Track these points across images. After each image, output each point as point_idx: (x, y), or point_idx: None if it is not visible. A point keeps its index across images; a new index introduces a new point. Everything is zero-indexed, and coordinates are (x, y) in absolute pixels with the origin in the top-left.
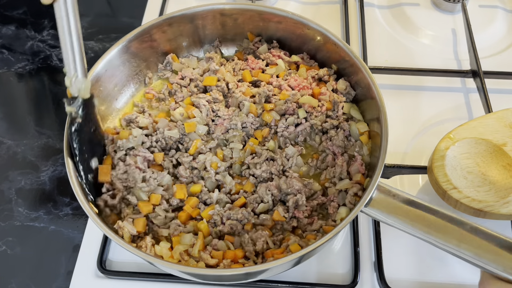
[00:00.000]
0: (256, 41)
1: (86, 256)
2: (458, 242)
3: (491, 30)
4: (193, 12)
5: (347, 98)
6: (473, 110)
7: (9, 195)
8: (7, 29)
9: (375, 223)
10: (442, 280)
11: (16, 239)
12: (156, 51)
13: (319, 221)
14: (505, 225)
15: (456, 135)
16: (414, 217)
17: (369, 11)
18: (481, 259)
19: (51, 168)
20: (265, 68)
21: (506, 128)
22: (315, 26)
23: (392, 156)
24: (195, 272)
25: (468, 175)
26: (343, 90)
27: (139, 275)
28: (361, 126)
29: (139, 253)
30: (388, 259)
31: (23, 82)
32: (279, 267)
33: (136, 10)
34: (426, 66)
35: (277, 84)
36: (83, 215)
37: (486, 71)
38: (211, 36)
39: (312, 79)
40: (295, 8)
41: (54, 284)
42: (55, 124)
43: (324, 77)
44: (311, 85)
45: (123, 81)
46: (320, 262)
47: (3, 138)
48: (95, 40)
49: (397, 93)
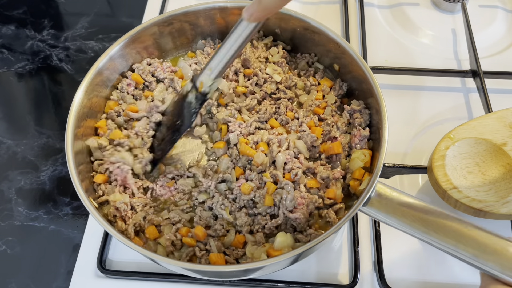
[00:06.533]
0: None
1: (86, 255)
2: (456, 243)
3: (491, 30)
4: (195, 10)
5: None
6: (473, 110)
7: (9, 195)
8: (7, 29)
9: (375, 223)
10: (442, 280)
11: (16, 239)
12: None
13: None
14: (505, 225)
15: (456, 135)
16: (413, 217)
17: (369, 11)
18: (479, 260)
19: (51, 168)
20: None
21: (506, 128)
22: (316, 24)
23: (392, 156)
24: (194, 268)
25: (468, 175)
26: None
27: (139, 275)
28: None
29: (139, 250)
30: (388, 259)
31: (23, 82)
32: (277, 264)
33: (136, 9)
34: (426, 66)
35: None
36: (83, 215)
37: (486, 71)
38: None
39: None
40: (295, 8)
41: (54, 283)
42: (55, 124)
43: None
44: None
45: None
46: (320, 262)
47: (3, 138)
48: (95, 40)
49: (397, 93)
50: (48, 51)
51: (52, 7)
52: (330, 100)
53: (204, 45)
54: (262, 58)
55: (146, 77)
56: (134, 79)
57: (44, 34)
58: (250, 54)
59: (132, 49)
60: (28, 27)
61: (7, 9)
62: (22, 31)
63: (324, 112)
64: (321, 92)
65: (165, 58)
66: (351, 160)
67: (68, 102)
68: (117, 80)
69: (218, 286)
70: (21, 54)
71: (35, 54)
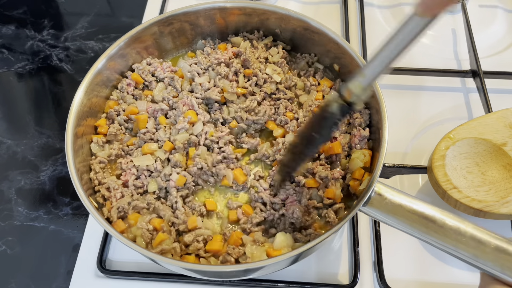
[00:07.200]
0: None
1: (86, 255)
2: (456, 243)
3: (491, 30)
4: (195, 10)
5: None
6: (473, 110)
7: (9, 194)
8: (7, 29)
9: (375, 223)
10: (442, 280)
11: (16, 239)
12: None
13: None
14: (505, 225)
15: (456, 135)
16: (412, 217)
17: (369, 11)
18: (479, 260)
19: (51, 168)
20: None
21: (506, 128)
22: (316, 24)
23: (392, 156)
24: (194, 268)
25: (468, 175)
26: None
27: (138, 275)
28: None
29: (139, 250)
30: (388, 259)
31: (23, 82)
32: (277, 264)
33: (136, 9)
34: (426, 66)
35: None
36: (83, 215)
37: (486, 71)
38: (211, 34)
39: None
40: (295, 8)
41: (54, 283)
42: (55, 124)
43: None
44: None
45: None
46: (320, 262)
47: (3, 138)
48: (95, 40)
49: (397, 93)
50: (48, 51)
51: (52, 7)
52: None
53: (204, 45)
54: (262, 59)
55: (146, 77)
56: (134, 79)
57: (44, 34)
58: (250, 54)
59: (132, 49)
60: (28, 27)
61: (7, 9)
62: (22, 31)
63: None
64: (321, 92)
65: (165, 58)
66: (351, 160)
67: (68, 102)
68: (117, 80)
69: (218, 286)
70: (21, 54)
71: (35, 54)
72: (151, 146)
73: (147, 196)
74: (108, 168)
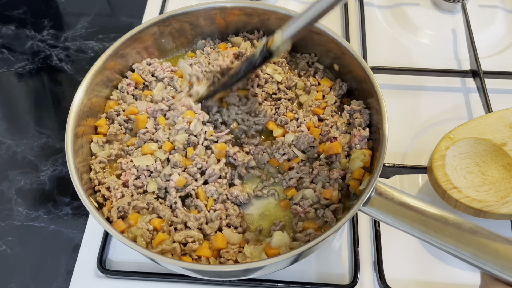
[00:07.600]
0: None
1: (86, 255)
2: (456, 242)
3: (491, 30)
4: (195, 10)
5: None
6: (473, 110)
7: (9, 194)
8: (7, 29)
9: (375, 223)
10: (442, 280)
11: (16, 239)
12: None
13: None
14: (505, 225)
15: (456, 135)
16: (412, 217)
17: (369, 11)
18: (479, 259)
19: (51, 168)
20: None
21: (506, 128)
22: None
23: (392, 156)
24: (194, 268)
25: (468, 175)
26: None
27: (138, 275)
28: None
29: (139, 250)
30: (388, 259)
31: (23, 82)
32: (277, 264)
33: (136, 9)
34: (426, 66)
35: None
36: (83, 215)
37: (486, 71)
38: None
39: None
40: (295, 8)
41: (54, 283)
42: (55, 124)
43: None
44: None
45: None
46: (320, 262)
47: (3, 137)
48: (95, 40)
49: (397, 93)
50: (48, 51)
51: (52, 7)
52: (330, 100)
53: (204, 45)
54: None
55: (146, 77)
56: (134, 79)
57: (44, 34)
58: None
59: (132, 49)
60: (28, 27)
61: (7, 9)
62: (22, 31)
63: (324, 112)
64: (321, 92)
65: (165, 58)
66: (351, 160)
67: (68, 102)
68: (117, 80)
69: (218, 286)
70: (21, 54)
71: (35, 54)
72: (151, 146)
73: (147, 196)
74: (108, 168)
